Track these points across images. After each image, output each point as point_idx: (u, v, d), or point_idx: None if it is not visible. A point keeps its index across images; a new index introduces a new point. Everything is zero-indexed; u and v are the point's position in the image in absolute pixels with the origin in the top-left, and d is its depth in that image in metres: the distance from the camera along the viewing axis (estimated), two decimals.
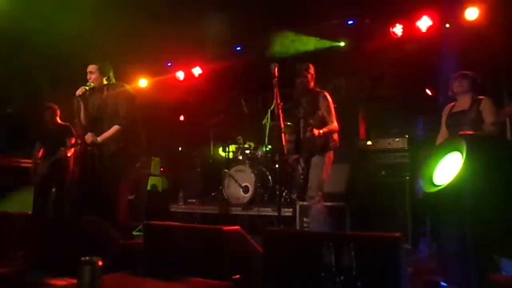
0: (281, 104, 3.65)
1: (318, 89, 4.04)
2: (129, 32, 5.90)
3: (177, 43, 6.26)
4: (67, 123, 5.06)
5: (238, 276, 2.23)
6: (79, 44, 5.69)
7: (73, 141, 4.85)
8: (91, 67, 3.98)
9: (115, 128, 3.86)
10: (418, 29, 5.41)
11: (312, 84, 4.01)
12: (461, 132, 2.44)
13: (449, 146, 2.50)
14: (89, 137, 3.86)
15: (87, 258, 1.24)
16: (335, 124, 3.85)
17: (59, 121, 5.16)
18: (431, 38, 5.33)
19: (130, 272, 2.31)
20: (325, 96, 3.91)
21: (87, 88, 3.87)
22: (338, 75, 6.31)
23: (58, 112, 5.17)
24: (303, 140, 3.92)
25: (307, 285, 1.61)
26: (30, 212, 3.04)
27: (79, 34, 5.60)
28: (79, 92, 3.83)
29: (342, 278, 1.38)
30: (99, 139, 3.84)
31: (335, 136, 3.91)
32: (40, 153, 5.09)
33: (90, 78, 3.94)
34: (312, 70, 4.00)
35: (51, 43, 5.55)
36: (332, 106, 3.91)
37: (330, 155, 3.88)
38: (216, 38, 6.09)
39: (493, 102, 3.46)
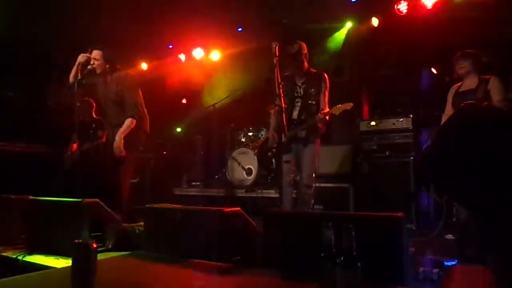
0: (282, 83, 3.58)
1: (315, 70, 3.95)
2: (130, 14, 5.80)
3: (178, 24, 6.15)
4: (100, 117, 4.89)
5: (238, 257, 2.22)
6: (79, 28, 5.61)
7: (104, 134, 4.68)
8: (94, 53, 3.89)
9: (129, 121, 3.82)
10: (424, 6, 5.28)
11: (306, 64, 3.90)
12: (465, 102, 2.32)
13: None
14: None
15: (81, 241, 1.22)
16: (328, 110, 3.76)
17: (94, 115, 5.02)
18: (436, 15, 5.19)
19: (131, 254, 2.31)
20: (326, 79, 3.85)
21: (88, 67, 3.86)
22: (341, 54, 6.20)
23: (94, 106, 5.03)
24: (296, 122, 3.81)
25: (307, 266, 1.58)
26: (30, 196, 3.03)
27: (80, 18, 5.51)
28: (80, 59, 3.87)
29: (342, 258, 1.36)
30: (117, 138, 3.78)
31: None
32: (75, 146, 4.90)
33: (93, 63, 3.86)
34: (305, 49, 3.84)
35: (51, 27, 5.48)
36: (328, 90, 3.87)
37: (319, 141, 3.85)
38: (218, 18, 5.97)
39: (501, 80, 3.39)
